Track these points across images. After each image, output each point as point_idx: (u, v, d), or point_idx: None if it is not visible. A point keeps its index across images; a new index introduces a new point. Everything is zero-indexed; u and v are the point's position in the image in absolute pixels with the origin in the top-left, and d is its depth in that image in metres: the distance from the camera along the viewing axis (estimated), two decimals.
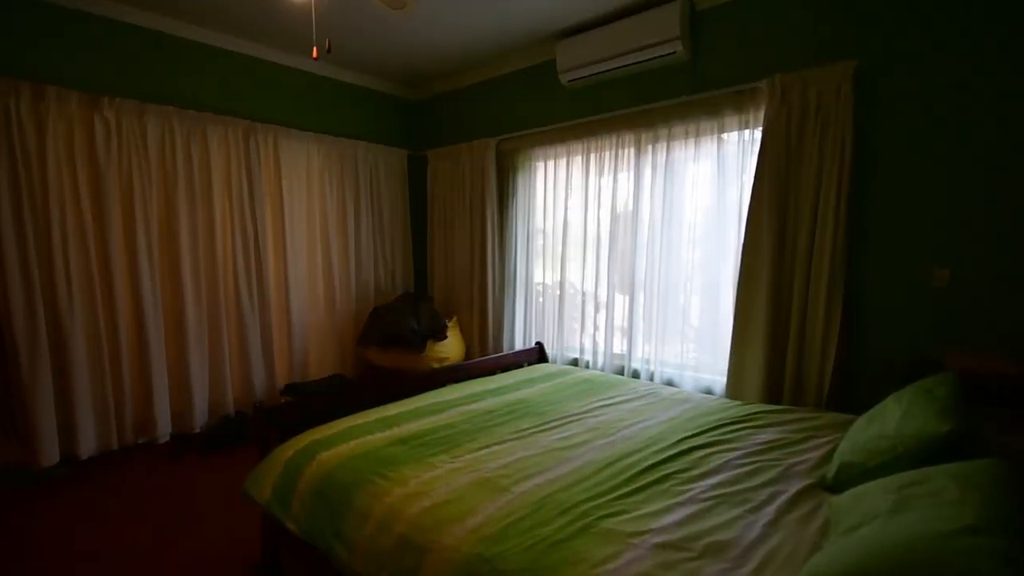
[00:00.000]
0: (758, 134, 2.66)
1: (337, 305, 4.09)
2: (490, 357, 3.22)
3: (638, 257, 3.21)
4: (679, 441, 1.94)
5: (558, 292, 3.70)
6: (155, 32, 3.17)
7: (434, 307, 4.08)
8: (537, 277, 3.90)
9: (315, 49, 2.34)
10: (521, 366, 3.21)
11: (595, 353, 3.48)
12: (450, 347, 3.90)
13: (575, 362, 3.62)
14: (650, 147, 3.12)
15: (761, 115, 2.63)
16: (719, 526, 1.41)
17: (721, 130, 2.84)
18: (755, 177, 2.60)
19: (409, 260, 4.63)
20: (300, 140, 3.79)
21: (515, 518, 1.44)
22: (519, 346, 3.92)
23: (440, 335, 3.85)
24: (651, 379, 3.16)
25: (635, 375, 3.25)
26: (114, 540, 2.36)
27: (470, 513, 1.48)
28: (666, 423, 2.16)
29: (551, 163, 3.70)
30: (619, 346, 3.39)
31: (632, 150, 3.19)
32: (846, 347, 2.46)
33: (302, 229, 3.88)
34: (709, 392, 2.92)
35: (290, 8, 2.98)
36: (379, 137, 4.32)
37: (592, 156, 3.41)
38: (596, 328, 3.48)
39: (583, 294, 3.58)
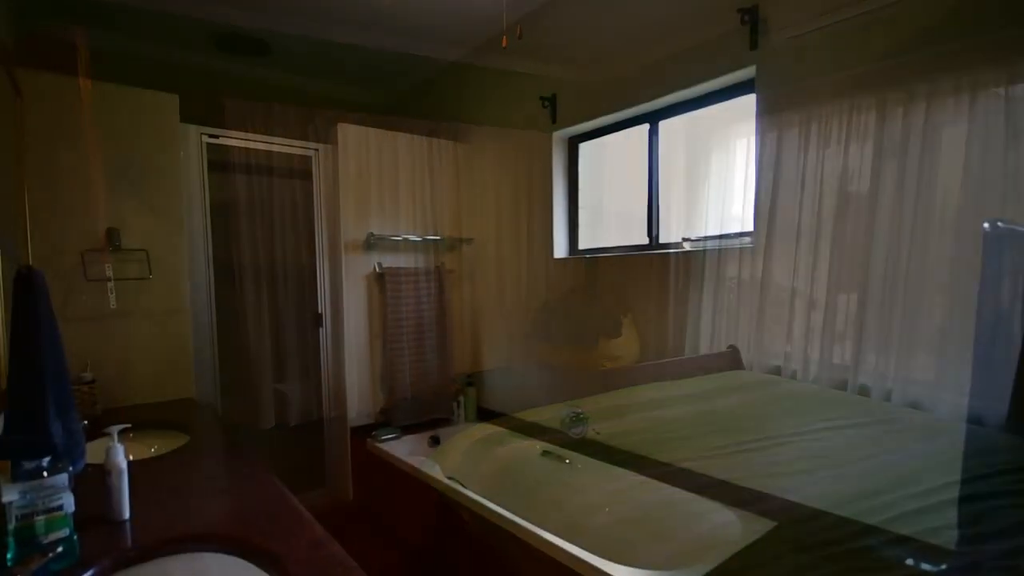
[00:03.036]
0: None
1: (507, 297, 4.11)
2: (673, 360, 2.91)
3: (874, 247, 2.56)
4: (946, 485, 1.46)
5: (757, 288, 3.18)
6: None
7: (607, 302, 3.84)
8: (730, 271, 3.41)
9: (504, 39, 2.30)
10: (710, 372, 2.85)
11: (806, 362, 2.89)
12: (624, 346, 3.61)
13: (778, 371, 3.06)
14: (900, 110, 2.45)
15: None
16: None
17: (1010, 82, 2.12)
18: None
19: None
20: (476, 134, 3.88)
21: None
22: (704, 349, 3.46)
23: (614, 332, 3.59)
24: (887, 399, 2.52)
25: (863, 392, 2.62)
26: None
27: (660, 538, 1.25)
28: (922, 460, 1.68)
29: (754, 138, 3.17)
30: (840, 355, 2.77)
31: (871, 115, 2.55)
32: None
33: (479, 221, 3.97)
34: (978, 422, 2.20)
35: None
36: (547, 124, 4.22)
37: (813, 126, 2.81)
38: (809, 332, 2.90)
39: (791, 291, 2.99)
